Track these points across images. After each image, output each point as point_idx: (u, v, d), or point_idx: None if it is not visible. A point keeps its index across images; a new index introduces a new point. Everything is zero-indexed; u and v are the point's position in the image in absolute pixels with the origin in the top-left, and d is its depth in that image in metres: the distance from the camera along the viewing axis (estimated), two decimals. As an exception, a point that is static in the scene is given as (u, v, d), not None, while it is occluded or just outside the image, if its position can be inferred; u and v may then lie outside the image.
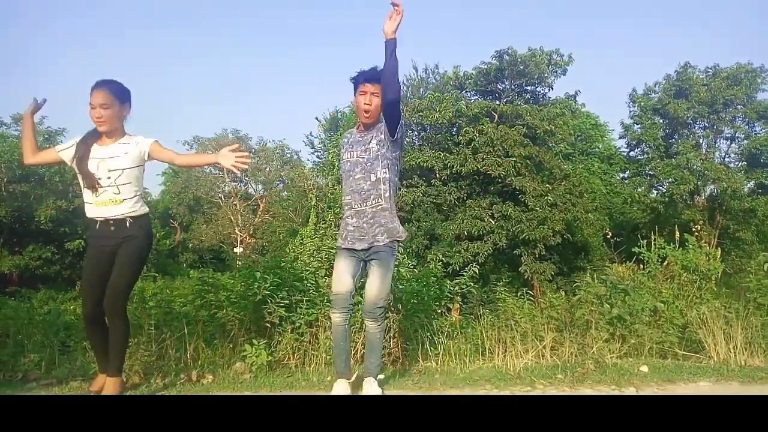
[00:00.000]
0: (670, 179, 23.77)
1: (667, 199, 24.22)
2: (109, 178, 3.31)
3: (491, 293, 11.40)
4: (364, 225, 3.48)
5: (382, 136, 3.45)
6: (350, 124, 18.71)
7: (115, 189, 3.31)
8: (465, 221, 18.82)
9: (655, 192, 26.05)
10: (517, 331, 5.15)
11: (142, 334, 4.46)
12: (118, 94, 3.33)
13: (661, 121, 25.21)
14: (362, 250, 3.51)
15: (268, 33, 71.75)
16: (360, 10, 70.42)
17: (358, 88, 3.46)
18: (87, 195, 3.36)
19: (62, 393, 3.71)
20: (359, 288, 3.75)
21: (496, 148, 18.84)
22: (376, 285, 3.44)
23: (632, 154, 27.47)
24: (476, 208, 19.11)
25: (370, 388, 3.49)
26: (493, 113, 20.15)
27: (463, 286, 6.32)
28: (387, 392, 3.83)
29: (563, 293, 6.39)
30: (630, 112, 26.26)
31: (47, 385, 3.92)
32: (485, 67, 21.02)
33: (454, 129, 21.05)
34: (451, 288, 6.09)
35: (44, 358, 4.39)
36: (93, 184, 3.31)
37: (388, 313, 3.47)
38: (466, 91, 22.28)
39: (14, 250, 20.57)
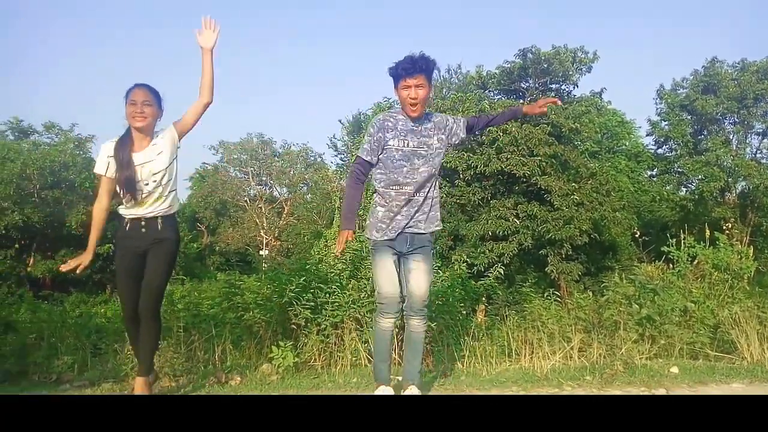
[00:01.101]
0: (700, 176, 23.36)
1: (696, 196, 23.80)
2: (154, 181, 3.33)
3: (517, 294, 11.30)
4: (416, 214, 3.32)
5: (444, 137, 3.37)
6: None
7: (161, 189, 3.35)
8: (489, 221, 18.71)
9: (684, 190, 25.63)
10: (544, 333, 5.11)
11: (171, 336, 4.53)
12: (156, 95, 3.39)
13: (689, 117, 24.79)
14: (399, 235, 3.31)
15: (291, 35, 72.28)
16: (385, 10, 70.51)
17: (399, 82, 3.25)
18: (128, 201, 3.38)
19: (94, 394, 3.79)
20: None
21: (520, 148, 18.70)
22: (424, 280, 3.27)
23: (660, 151, 27.07)
24: (501, 208, 18.98)
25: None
26: (516, 112, 20.02)
27: (489, 287, 6.29)
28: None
29: (591, 294, 6.32)
30: (657, 108, 25.92)
31: (80, 386, 3.99)
32: (509, 66, 20.91)
33: (478, 129, 20.94)
34: (476, 289, 6.07)
35: (77, 360, 4.49)
36: (137, 192, 3.32)
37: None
38: (489, 91, 22.18)
39: (47, 254, 20.96)
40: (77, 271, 3.44)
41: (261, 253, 28.74)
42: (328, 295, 4.86)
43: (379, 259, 3.34)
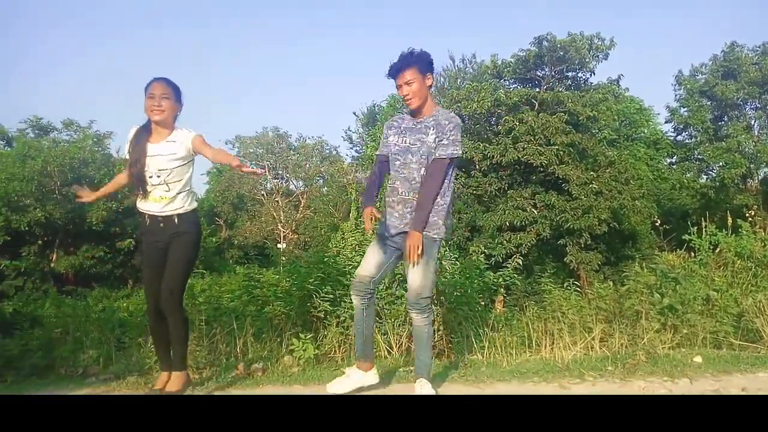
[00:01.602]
0: (720, 163, 23.02)
1: (717, 183, 23.47)
2: (159, 176, 3.33)
3: (536, 285, 11.27)
4: (408, 215, 3.34)
5: (441, 140, 3.31)
6: (388, 117, 18.68)
7: (165, 187, 3.34)
8: (507, 212, 18.61)
9: (705, 177, 25.28)
10: (564, 323, 5.08)
11: (193, 329, 4.54)
12: (175, 89, 3.41)
13: (708, 103, 24.41)
14: (398, 234, 3.38)
15: (306, 28, 72.25)
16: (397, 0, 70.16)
17: (396, 81, 3.38)
18: (136, 190, 3.43)
19: (119, 387, 3.84)
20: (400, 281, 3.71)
21: (537, 137, 18.55)
22: (417, 275, 3.28)
23: (679, 138, 26.68)
24: (518, 199, 18.88)
25: (422, 389, 3.32)
26: (533, 101, 19.84)
27: (507, 278, 6.27)
28: (434, 385, 3.83)
29: (611, 283, 6.28)
30: (676, 95, 25.55)
31: (105, 380, 4.05)
32: (524, 54, 20.67)
33: (493, 119, 20.81)
34: (495, 280, 6.05)
35: (101, 354, 4.54)
36: (143, 184, 3.36)
37: (433, 306, 3.34)
38: (504, 80, 21.97)
39: (69, 250, 21.29)
40: (80, 199, 3.73)
41: (279, 246, 28.84)
42: (346, 287, 4.88)
43: (370, 244, 3.58)
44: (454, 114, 3.46)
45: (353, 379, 3.49)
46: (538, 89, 20.64)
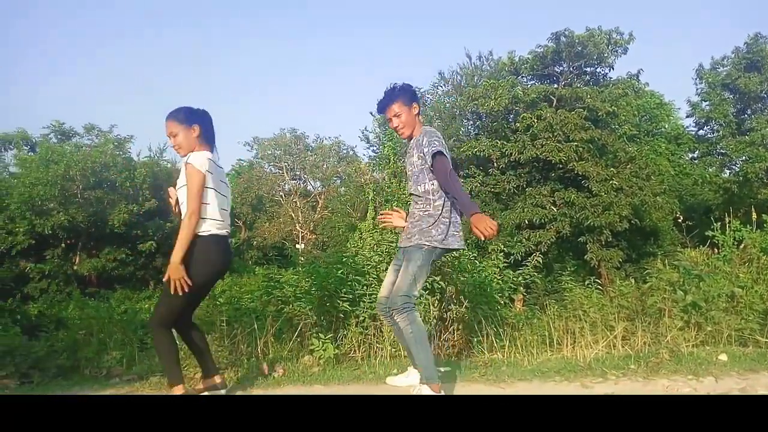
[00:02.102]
0: (744, 157, 22.60)
1: (741, 178, 23.03)
2: (182, 203, 3.38)
3: (556, 283, 11.18)
4: (409, 226, 3.57)
5: (422, 153, 3.50)
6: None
7: (184, 208, 3.33)
8: (525, 210, 18.48)
9: (728, 171, 24.83)
10: (585, 321, 5.05)
11: (214, 330, 4.66)
12: (181, 120, 3.43)
13: (731, 96, 23.99)
14: (401, 250, 3.60)
15: (321, 27, 72.37)
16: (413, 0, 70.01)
17: (385, 116, 3.67)
18: None
19: (142, 388, 3.94)
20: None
21: (555, 133, 18.39)
22: (399, 279, 3.46)
23: (701, 132, 26.28)
24: (537, 196, 18.73)
25: (419, 392, 3.33)
26: (551, 97, 19.68)
27: (527, 277, 6.24)
28: (455, 384, 3.84)
29: (633, 281, 6.21)
30: (697, 89, 25.10)
31: (129, 380, 4.14)
32: (541, 50, 20.50)
33: (511, 116, 20.67)
34: (514, 278, 6.02)
35: (125, 355, 4.64)
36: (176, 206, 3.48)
37: (411, 306, 3.38)
38: (522, 77, 21.80)
39: (92, 253, 21.56)
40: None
41: (297, 246, 28.71)
42: (365, 287, 4.92)
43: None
44: (429, 127, 3.69)
45: (411, 378, 3.68)
46: (556, 85, 20.47)
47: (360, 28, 71.43)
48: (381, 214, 3.89)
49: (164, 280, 3.24)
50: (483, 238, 3.19)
